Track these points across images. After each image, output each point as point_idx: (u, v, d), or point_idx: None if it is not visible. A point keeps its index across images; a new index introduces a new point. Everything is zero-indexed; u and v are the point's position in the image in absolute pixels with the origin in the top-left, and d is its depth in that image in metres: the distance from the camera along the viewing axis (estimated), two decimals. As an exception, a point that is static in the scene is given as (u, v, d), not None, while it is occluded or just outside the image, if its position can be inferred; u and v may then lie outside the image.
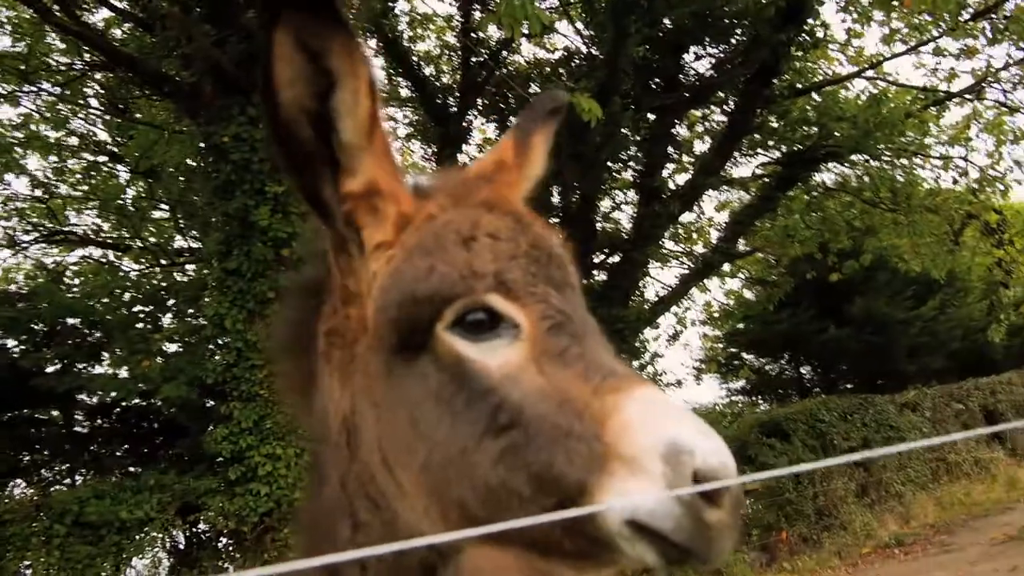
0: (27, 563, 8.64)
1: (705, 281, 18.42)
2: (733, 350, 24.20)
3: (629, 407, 1.08)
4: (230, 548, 10.14)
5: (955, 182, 15.67)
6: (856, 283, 19.11)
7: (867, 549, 13.67)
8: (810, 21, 13.65)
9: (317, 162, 1.25)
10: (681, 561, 1.07)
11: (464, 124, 14.68)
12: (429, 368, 1.19)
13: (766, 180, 16.01)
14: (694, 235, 18.21)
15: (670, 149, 14.74)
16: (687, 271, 17.00)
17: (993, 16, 13.59)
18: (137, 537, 9.27)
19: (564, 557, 1.14)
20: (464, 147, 14.93)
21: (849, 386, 22.63)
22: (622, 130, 12.89)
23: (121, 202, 14.43)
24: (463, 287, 1.19)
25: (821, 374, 23.76)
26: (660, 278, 22.07)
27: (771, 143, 15.61)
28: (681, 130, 15.53)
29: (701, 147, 16.29)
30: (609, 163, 13.43)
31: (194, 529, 10.35)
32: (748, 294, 22.37)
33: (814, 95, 14.55)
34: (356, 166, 1.26)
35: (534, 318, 1.18)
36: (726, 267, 18.90)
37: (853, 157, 15.01)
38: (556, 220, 15.13)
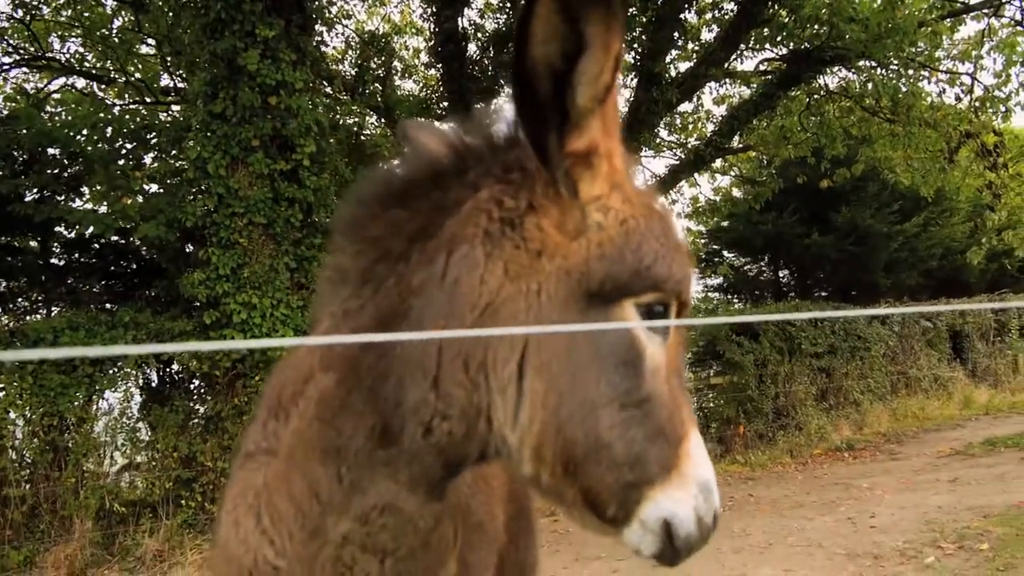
0: (0, 387, 8.79)
1: (695, 175, 18.30)
2: (715, 247, 24.31)
3: (694, 438, 1.36)
4: (202, 390, 10.33)
5: (958, 99, 15.42)
6: (844, 192, 19.08)
7: (818, 451, 14.17)
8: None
9: (549, 115, 1.30)
10: (661, 559, 1.36)
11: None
12: (601, 323, 1.34)
13: (769, 77, 15.66)
14: (690, 126, 17.96)
15: (676, 34, 14.30)
16: (678, 163, 16.83)
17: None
18: (110, 372, 9.41)
19: (590, 515, 1.36)
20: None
21: (823, 294, 22.94)
22: (630, 9, 12.49)
23: (107, 32, 13.93)
24: (673, 287, 1.36)
25: (798, 279, 24.01)
26: (651, 167, 21.85)
27: (779, 39, 15.18)
28: (689, 16, 15.05)
29: (708, 36, 15.85)
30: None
31: (167, 369, 10.51)
32: (736, 192, 22.30)
33: (830, -9, 14.07)
34: (583, 127, 1.33)
35: (677, 337, 1.40)
36: (718, 163, 18.76)
37: (860, 63, 14.67)
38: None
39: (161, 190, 11.71)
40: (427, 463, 1.40)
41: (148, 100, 14.00)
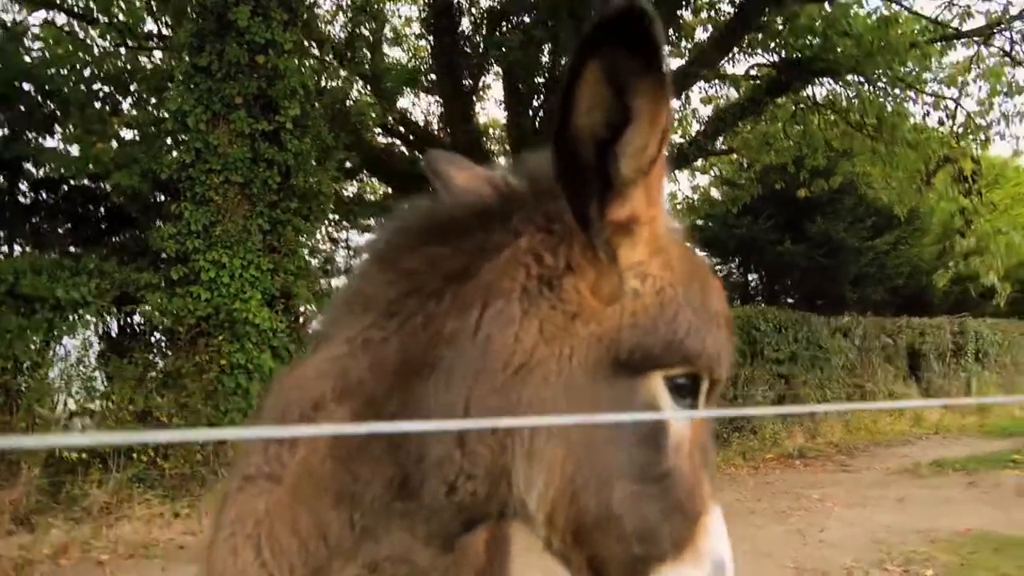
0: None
1: (676, 172, 18.33)
2: (688, 245, 24.39)
3: (714, 514, 1.31)
4: (163, 344, 10.19)
5: (941, 123, 15.57)
6: (821, 203, 19.24)
7: (771, 455, 14.39)
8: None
9: (591, 181, 1.26)
10: None
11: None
12: (627, 394, 1.28)
13: (758, 82, 15.71)
14: (675, 124, 17.97)
15: (671, 30, 14.28)
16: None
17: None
18: (71, 317, 9.24)
19: None
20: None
21: (790, 300, 23.19)
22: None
23: (93, -31, 13.55)
24: (706, 362, 1.31)
25: (767, 284, 24.24)
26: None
27: (772, 45, 15.23)
28: (686, 13, 15.03)
29: (702, 35, 15.84)
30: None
31: (129, 319, 10.35)
32: (715, 193, 22.41)
33: (827, 4, 14.11)
34: (626, 196, 1.27)
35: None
36: (699, 162, 18.80)
37: (849, 77, 14.77)
38: (543, 81, 14.78)
39: (138, 138, 11.46)
40: (446, 519, 1.36)
41: (130, 44, 13.66)
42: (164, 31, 14.05)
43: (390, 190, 18.53)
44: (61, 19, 14.14)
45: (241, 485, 1.56)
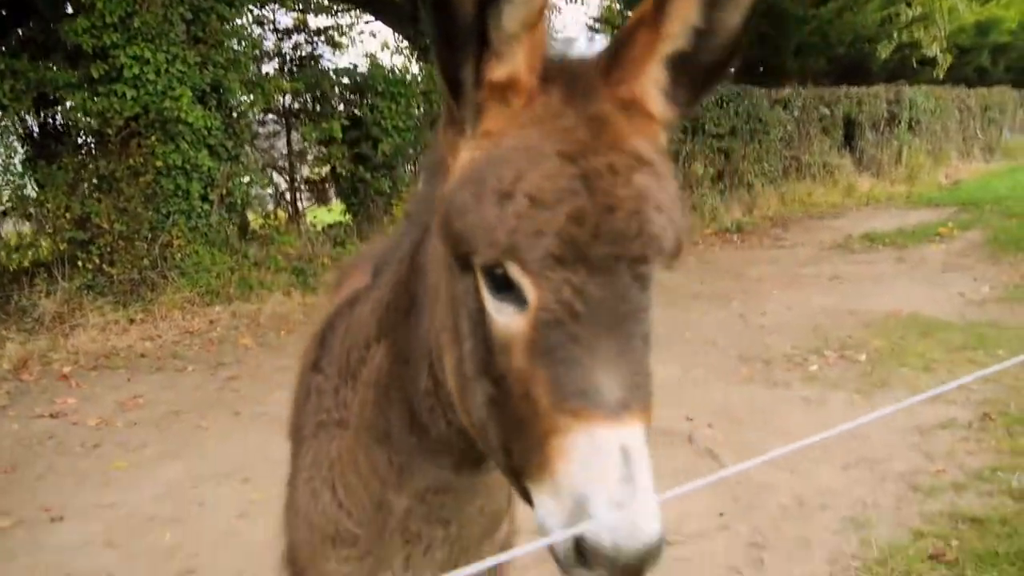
0: None
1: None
2: (630, 12, 23.56)
3: (576, 439, 0.99)
4: (92, 148, 9.71)
5: None
6: (765, -31, 18.54)
7: (710, 231, 14.83)
8: None
9: (468, 41, 1.09)
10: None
11: None
12: (466, 288, 1.12)
13: None
14: None
15: None
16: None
17: None
18: (-12, 123, 8.68)
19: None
20: None
21: (731, 69, 22.87)
22: None
23: None
24: (484, 244, 1.05)
25: (708, 55, 23.79)
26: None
27: None
28: None
29: None
30: None
31: (51, 121, 9.77)
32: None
33: None
34: (506, 55, 1.10)
35: (536, 304, 1.04)
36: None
37: None
38: None
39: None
40: (462, 447, 1.37)
41: None
42: None
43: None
44: None
45: (314, 431, 1.74)
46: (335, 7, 16.49)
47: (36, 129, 9.75)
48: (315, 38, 14.67)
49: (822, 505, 4.21)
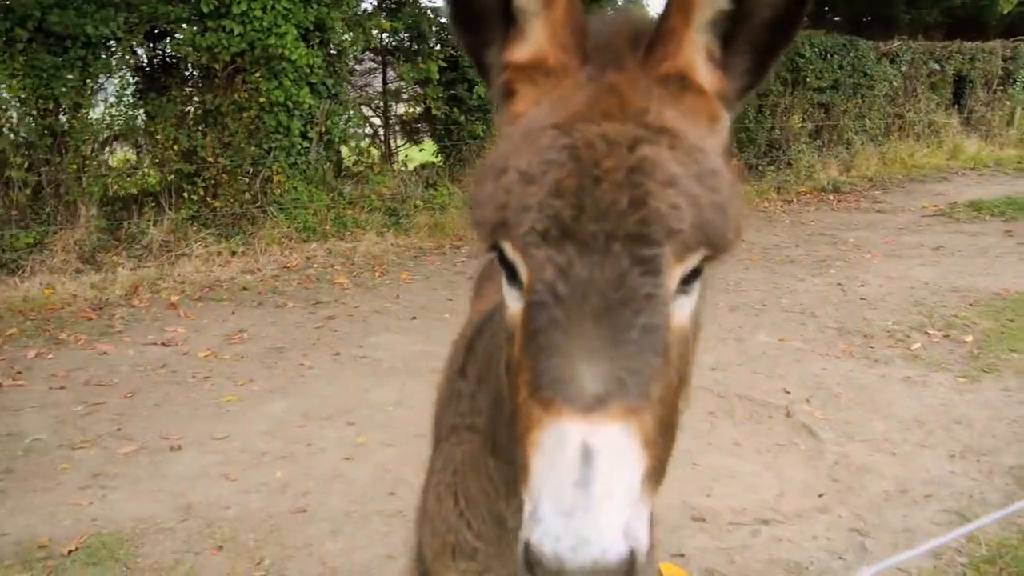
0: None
1: None
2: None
3: (544, 433, 0.90)
4: (200, 82, 9.93)
5: None
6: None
7: (804, 189, 14.42)
8: None
9: (489, 22, 1.07)
10: None
11: None
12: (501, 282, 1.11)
13: None
14: None
15: None
16: None
17: None
18: (103, 55, 8.93)
19: None
20: None
21: (837, 19, 21.95)
22: None
23: None
24: (480, 222, 1.02)
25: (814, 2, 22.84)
26: None
27: None
28: None
29: None
30: None
31: (161, 54, 10.01)
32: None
33: None
34: (527, 33, 1.06)
35: (526, 285, 1.00)
36: None
37: None
38: None
39: None
40: None
41: None
42: None
43: None
44: None
45: (447, 434, 1.72)
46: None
47: (147, 62, 9.99)
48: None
49: (926, 495, 4.16)
